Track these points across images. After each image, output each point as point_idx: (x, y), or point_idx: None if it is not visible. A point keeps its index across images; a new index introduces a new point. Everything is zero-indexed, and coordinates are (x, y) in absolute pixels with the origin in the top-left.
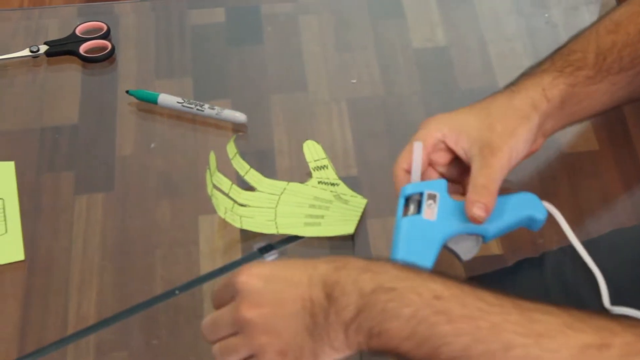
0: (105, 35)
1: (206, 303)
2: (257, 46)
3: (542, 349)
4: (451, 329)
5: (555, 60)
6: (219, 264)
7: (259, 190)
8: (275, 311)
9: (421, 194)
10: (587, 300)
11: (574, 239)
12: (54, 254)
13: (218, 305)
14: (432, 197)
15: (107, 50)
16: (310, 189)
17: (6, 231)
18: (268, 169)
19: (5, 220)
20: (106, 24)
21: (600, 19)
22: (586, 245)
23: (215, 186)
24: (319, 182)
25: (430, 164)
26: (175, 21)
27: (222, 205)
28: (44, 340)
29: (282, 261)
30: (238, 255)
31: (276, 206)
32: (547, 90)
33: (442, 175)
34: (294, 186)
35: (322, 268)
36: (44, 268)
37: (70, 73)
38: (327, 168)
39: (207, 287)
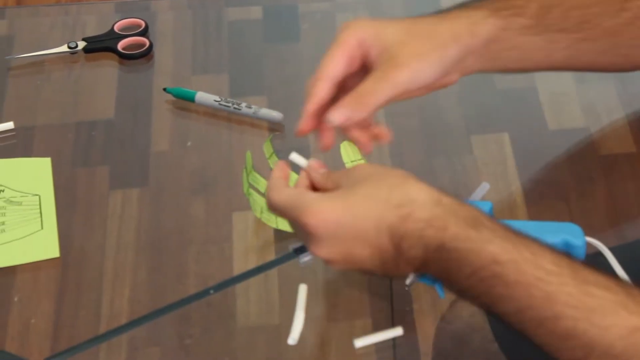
0: (143, 32)
1: (239, 302)
2: (294, 44)
3: (591, 324)
4: (506, 292)
5: None
6: (253, 261)
7: None
8: (346, 257)
9: None
10: None
11: (623, 274)
12: (88, 249)
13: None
14: None
15: (145, 47)
16: None
17: (42, 227)
18: None
19: (41, 216)
20: (144, 21)
21: None
22: (622, 249)
23: (251, 185)
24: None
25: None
26: (213, 18)
27: (258, 205)
28: (77, 335)
29: (347, 204)
30: (272, 254)
31: None
32: (474, 25)
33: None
34: None
35: (388, 218)
36: (78, 263)
37: (107, 69)
38: None
39: (241, 287)
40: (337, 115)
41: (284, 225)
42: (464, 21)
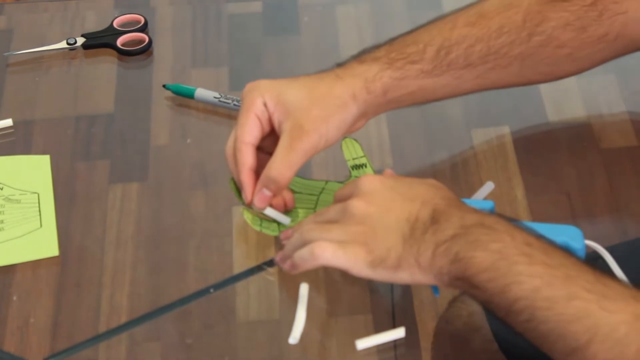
0: (143, 28)
1: (238, 298)
2: (294, 36)
3: (601, 307)
4: (528, 269)
5: (392, 48)
6: (253, 255)
7: (296, 192)
8: (381, 212)
9: None
10: None
11: (622, 276)
12: (87, 244)
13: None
14: None
15: (145, 43)
16: None
17: (41, 226)
18: (304, 168)
19: (40, 214)
20: (144, 17)
21: (470, 5)
22: (623, 247)
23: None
24: (357, 180)
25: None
26: (212, 12)
27: (256, 219)
28: (76, 333)
29: (408, 179)
30: (272, 248)
31: (315, 207)
32: (370, 83)
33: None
34: (333, 186)
35: (438, 200)
36: (77, 260)
37: (106, 66)
38: (365, 167)
39: (241, 285)
40: (260, 202)
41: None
42: (360, 79)
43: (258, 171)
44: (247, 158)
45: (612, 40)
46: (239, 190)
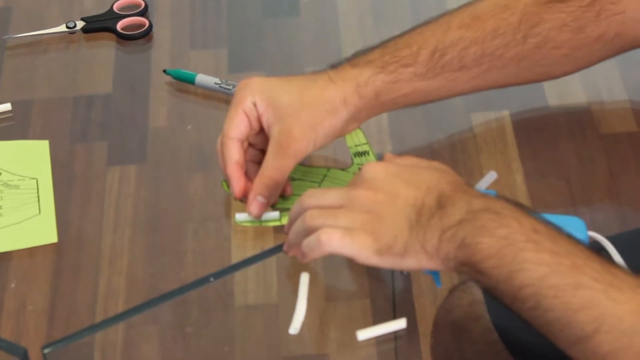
0: (143, 12)
1: (236, 282)
2: (293, 18)
3: (607, 296)
4: (535, 257)
5: (385, 51)
6: (251, 239)
7: (298, 179)
8: (387, 199)
9: None
10: None
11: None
12: (85, 227)
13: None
14: None
15: (145, 27)
16: (351, 175)
17: (39, 212)
18: None
19: (39, 200)
20: (144, 1)
21: (465, 6)
22: (623, 237)
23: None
24: (360, 169)
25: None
26: None
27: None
28: (74, 320)
29: (412, 165)
30: (270, 232)
31: None
32: (362, 87)
33: (251, 144)
34: (335, 173)
35: (443, 185)
36: (75, 243)
37: (106, 50)
38: (368, 154)
39: (240, 274)
40: (256, 210)
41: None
42: (351, 83)
43: (247, 167)
44: (232, 152)
45: (609, 40)
46: None
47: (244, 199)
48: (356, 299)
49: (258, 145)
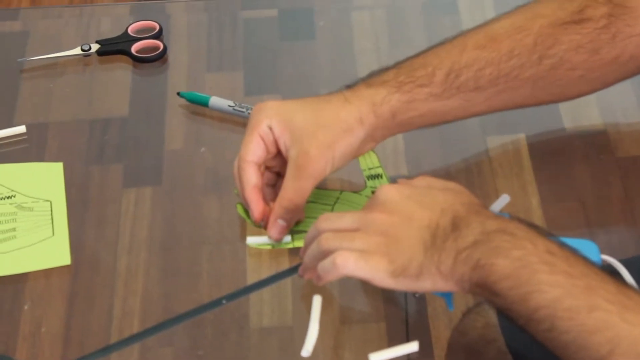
0: (158, 35)
1: (251, 305)
2: (309, 41)
3: (622, 319)
4: (550, 279)
5: (400, 71)
6: (266, 261)
7: (311, 201)
8: (401, 222)
9: None
10: None
11: None
12: (100, 248)
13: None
14: None
15: (159, 50)
16: (364, 198)
17: (53, 234)
18: None
19: (52, 223)
20: (158, 24)
21: (480, 27)
22: (638, 260)
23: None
24: (373, 192)
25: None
26: (228, 17)
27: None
28: (88, 340)
29: (426, 187)
30: (285, 255)
31: None
32: (377, 106)
33: (267, 167)
34: (347, 195)
35: (458, 206)
36: (90, 265)
37: (121, 72)
38: (381, 177)
39: (254, 296)
40: (277, 234)
41: (301, 241)
42: (367, 102)
43: (265, 190)
44: (250, 176)
45: (625, 62)
46: (247, 213)
47: (262, 223)
48: (371, 322)
49: (274, 168)
